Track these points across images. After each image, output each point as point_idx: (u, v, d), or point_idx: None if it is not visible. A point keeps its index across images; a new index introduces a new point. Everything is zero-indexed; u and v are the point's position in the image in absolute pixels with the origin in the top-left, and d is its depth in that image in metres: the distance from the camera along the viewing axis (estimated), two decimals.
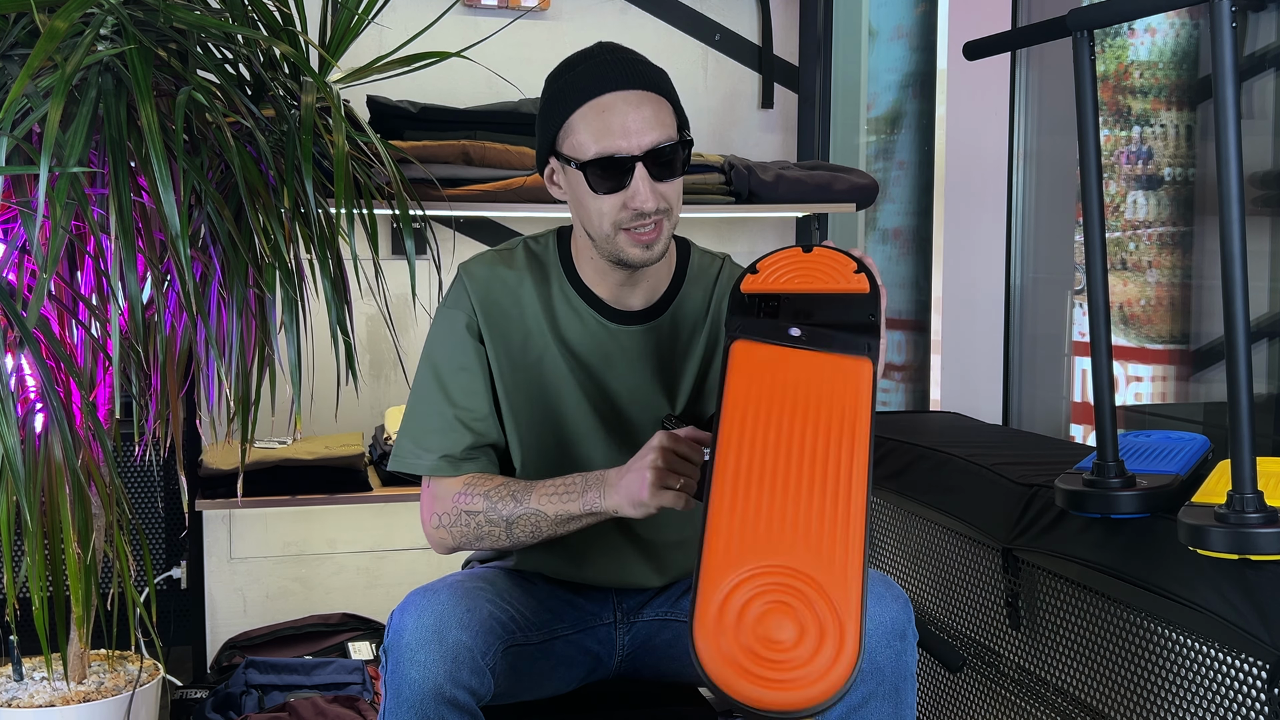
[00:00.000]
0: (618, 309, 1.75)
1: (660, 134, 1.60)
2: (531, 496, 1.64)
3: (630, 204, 1.61)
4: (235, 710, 2.60)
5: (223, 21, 2.15)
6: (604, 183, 1.60)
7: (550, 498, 1.63)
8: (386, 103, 2.78)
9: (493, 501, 1.67)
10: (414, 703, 1.50)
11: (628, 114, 1.59)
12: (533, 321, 1.74)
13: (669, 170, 1.62)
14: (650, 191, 1.60)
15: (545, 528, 1.64)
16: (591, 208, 1.64)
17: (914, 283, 3.89)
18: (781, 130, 3.31)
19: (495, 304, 1.74)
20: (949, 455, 2.49)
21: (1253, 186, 2.90)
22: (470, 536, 1.69)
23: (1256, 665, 1.70)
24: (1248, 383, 1.63)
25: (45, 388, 2.09)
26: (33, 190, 1.98)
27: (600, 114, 1.59)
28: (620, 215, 1.62)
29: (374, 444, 2.89)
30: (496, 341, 1.74)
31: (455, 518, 1.69)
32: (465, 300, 1.74)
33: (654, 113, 1.61)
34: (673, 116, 1.64)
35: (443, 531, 1.71)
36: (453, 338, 1.74)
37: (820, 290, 1.49)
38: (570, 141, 1.62)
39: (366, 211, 2.30)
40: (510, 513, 1.65)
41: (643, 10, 3.20)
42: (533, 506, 1.63)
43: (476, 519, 1.67)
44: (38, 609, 2.10)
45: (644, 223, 1.62)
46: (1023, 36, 2.20)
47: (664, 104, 1.63)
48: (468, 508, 1.68)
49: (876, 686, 1.55)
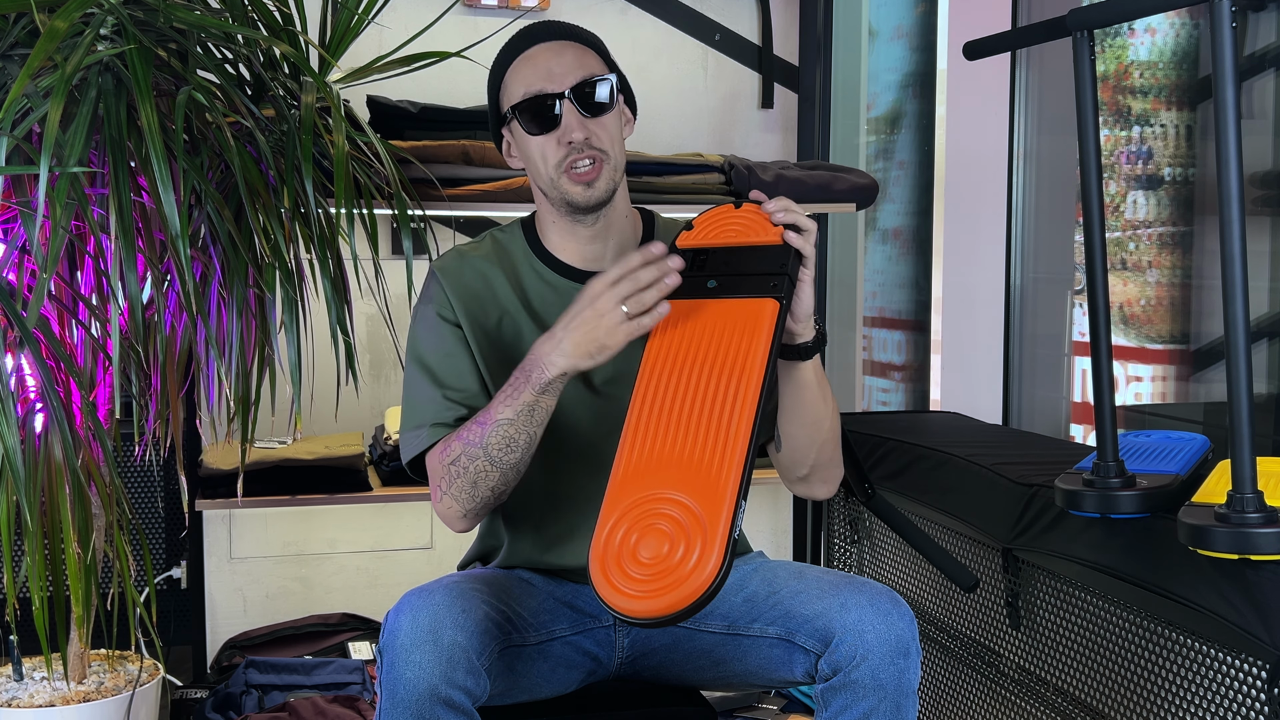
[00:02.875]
0: (588, 270, 1.78)
1: (584, 74, 1.72)
2: (491, 412, 1.64)
3: (563, 140, 1.70)
4: (235, 710, 2.60)
5: (223, 21, 2.15)
6: (535, 123, 1.72)
7: (504, 402, 1.63)
8: (386, 103, 2.78)
9: (464, 438, 1.66)
10: (409, 703, 1.50)
11: (550, 60, 1.72)
12: (506, 301, 1.79)
13: (598, 107, 1.72)
14: (578, 123, 1.70)
15: (516, 434, 1.63)
16: (534, 154, 1.74)
17: (914, 283, 3.89)
18: (781, 130, 3.31)
19: (467, 289, 1.78)
20: (949, 455, 2.49)
21: (1253, 186, 2.90)
22: (465, 487, 1.67)
23: (1256, 665, 1.70)
24: (1248, 383, 1.63)
25: (45, 388, 2.09)
26: (33, 190, 1.98)
27: (527, 63, 1.73)
28: (558, 154, 1.71)
29: (374, 444, 2.89)
30: (474, 325, 1.77)
31: (448, 478, 1.68)
32: (440, 293, 1.79)
33: (576, 57, 1.73)
34: (600, 63, 1.75)
35: (448, 500, 1.70)
36: (432, 329, 1.78)
37: (741, 243, 1.60)
38: (506, 97, 1.75)
39: (366, 211, 2.30)
40: (481, 438, 1.64)
41: (643, 10, 3.20)
42: (495, 418, 1.63)
43: (459, 464, 1.66)
44: (38, 609, 2.10)
45: (580, 157, 1.71)
46: (1023, 36, 2.20)
47: (589, 51, 1.75)
48: (449, 459, 1.67)
49: (878, 702, 1.55)
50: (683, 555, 1.37)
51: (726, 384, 1.49)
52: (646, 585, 1.37)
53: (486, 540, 1.91)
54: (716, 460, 1.43)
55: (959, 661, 2.48)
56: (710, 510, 1.40)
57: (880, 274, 4.08)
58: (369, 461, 2.87)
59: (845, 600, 1.59)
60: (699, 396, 1.49)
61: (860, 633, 1.55)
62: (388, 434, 2.82)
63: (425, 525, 3.14)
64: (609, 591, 1.40)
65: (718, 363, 1.51)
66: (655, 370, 1.54)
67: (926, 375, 3.64)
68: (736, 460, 1.43)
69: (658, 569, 1.38)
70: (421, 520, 3.14)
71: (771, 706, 2.77)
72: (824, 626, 1.59)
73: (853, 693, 1.55)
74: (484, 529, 1.91)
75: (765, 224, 1.60)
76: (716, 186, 2.87)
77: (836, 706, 1.56)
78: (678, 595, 1.35)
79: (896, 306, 4.02)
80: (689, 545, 1.38)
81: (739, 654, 1.71)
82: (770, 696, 2.80)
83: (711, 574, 1.36)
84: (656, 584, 1.37)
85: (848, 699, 1.55)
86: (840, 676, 1.56)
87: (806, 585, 1.66)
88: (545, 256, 1.81)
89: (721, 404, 1.47)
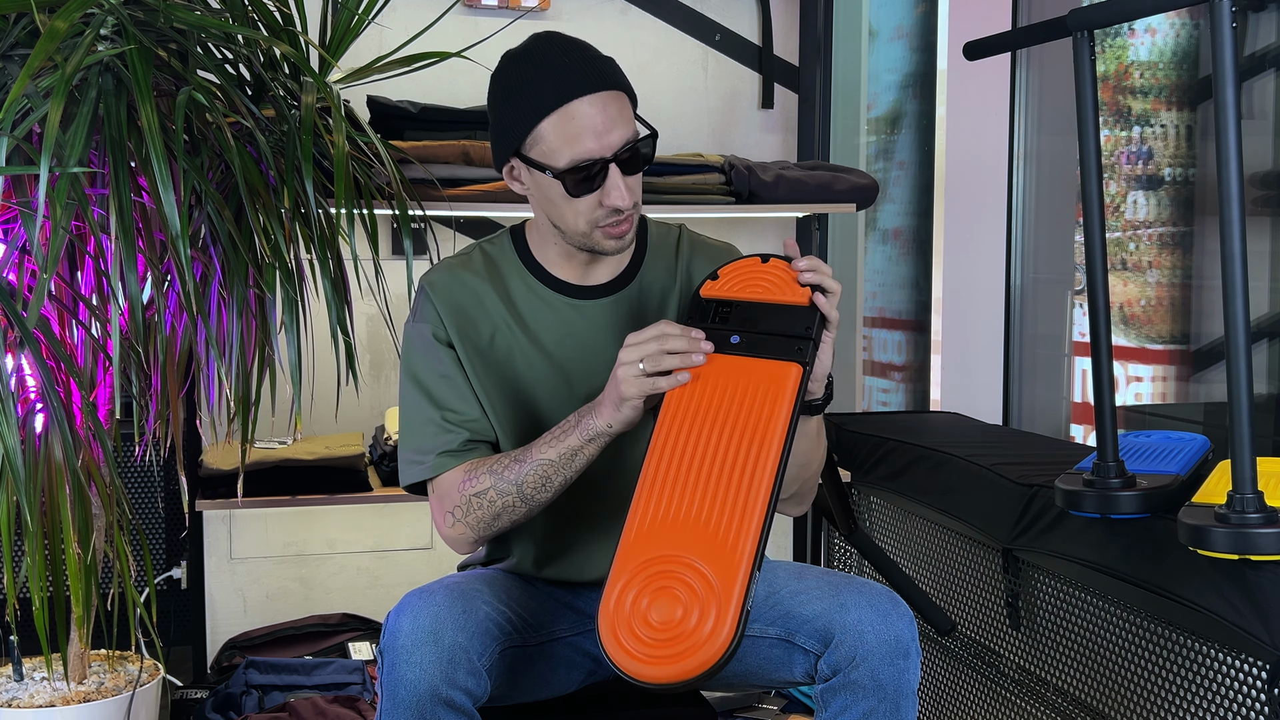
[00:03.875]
0: (583, 285, 1.78)
1: (626, 130, 1.65)
2: (533, 450, 1.65)
3: (606, 202, 1.66)
4: (235, 710, 2.60)
5: (223, 21, 2.15)
6: (580, 186, 1.65)
7: (550, 443, 1.64)
8: (386, 103, 2.78)
9: (497, 473, 1.66)
10: (410, 704, 1.50)
11: (595, 118, 1.63)
12: (498, 318, 1.77)
13: (637, 165, 1.68)
14: (625, 189, 1.65)
15: (554, 474, 1.63)
16: (566, 210, 1.68)
17: (914, 283, 3.89)
18: (781, 130, 3.31)
19: (458, 307, 1.76)
20: (949, 455, 2.49)
21: (1253, 186, 2.90)
22: (485, 518, 1.68)
23: (1256, 665, 1.70)
24: (1248, 383, 1.63)
25: (45, 388, 2.09)
26: (33, 190, 1.98)
27: (570, 122, 1.63)
28: (596, 214, 1.67)
29: (374, 444, 2.89)
30: (466, 344, 1.75)
31: (466, 506, 1.68)
32: (431, 311, 1.76)
33: (619, 110, 1.65)
34: (630, 106, 1.69)
35: (459, 527, 1.70)
36: (426, 350, 1.76)
37: (767, 300, 1.58)
38: (540, 149, 1.65)
39: (366, 211, 2.30)
40: (517, 475, 1.65)
41: (643, 10, 3.20)
42: (536, 458, 1.64)
43: (487, 496, 1.66)
44: (38, 609, 2.10)
45: (620, 218, 1.67)
46: (1023, 36, 2.21)
47: (623, 98, 1.68)
48: (475, 490, 1.67)
49: (877, 703, 1.55)
50: (696, 623, 1.36)
51: (746, 448, 1.47)
52: (657, 650, 1.36)
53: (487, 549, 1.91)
54: (734, 527, 1.42)
55: (959, 661, 2.48)
56: (725, 578, 1.38)
57: (880, 274, 4.09)
58: (369, 462, 2.87)
59: (845, 601, 1.59)
60: (717, 458, 1.48)
61: (860, 633, 1.55)
62: (388, 434, 2.82)
63: (425, 525, 3.14)
64: (618, 653, 1.39)
65: (738, 424, 1.50)
66: (673, 423, 1.53)
67: (926, 375, 3.64)
68: (753, 529, 1.42)
69: (669, 634, 1.37)
70: (421, 520, 3.14)
71: (771, 707, 2.77)
72: (824, 627, 1.59)
73: (852, 693, 1.55)
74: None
75: (792, 282, 1.58)
76: (716, 186, 2.87)
77: (836, 707, 1.56)
78: (690, 664, 1.35)
79: (896, 306, 4.02)
80: (703, 613, 1.37)
81: (739, 654, 1.71)
82: (770, 696, 2.80)
83: (725, 644, 1.35)
84: (667, 650, 1.36)
85: (847, 699, 1.56)
86: (840, 677, 1.56)
87: (806, 586, 1.66)
88: (538, 271, 1.79)
89: (740, 469, 1.46)
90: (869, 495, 2.86)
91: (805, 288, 1.56)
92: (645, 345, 1.55)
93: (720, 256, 1.83)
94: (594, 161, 1.63)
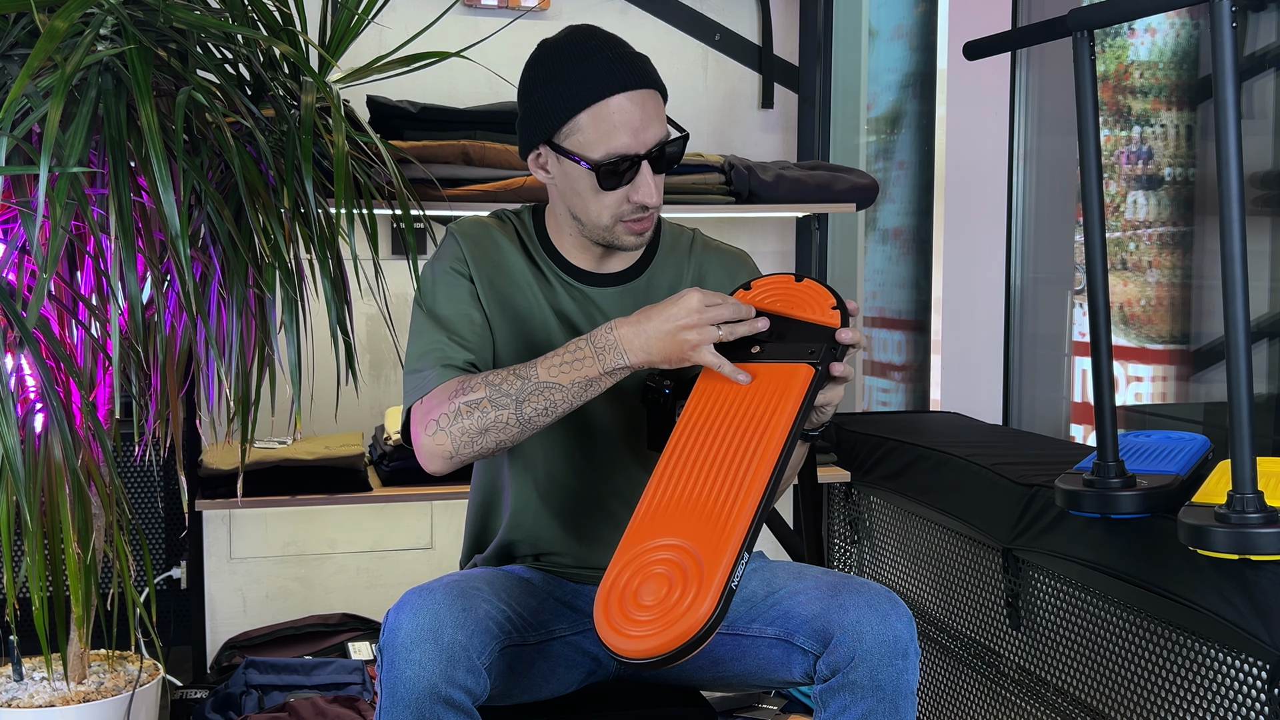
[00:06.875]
0: (594, 273, 1.81)
1: (660, 129, 1.69)
2: (537, 371, 1.62)
3: (634, 198, 1.69)
4: (235, 710, 2.60)
5: (223, 21, 2.15)
6: (610, 180, 1.68)
7: (560, 368, 1.62)
8: (386, 103, 2.78)
9: (494, 384, 1.62)
10: (409, 702, 1.50)
11: (634, 114, 1.66)
12: (521, 279, 1.79)
13: (665, 164, 1.71)
14: (654, 186, 1.68)
15: (562, 401, 1.62)
16: (592, 202, 1.71)
17: (914, 283, 3.89)
18: (781, 130, 3.31)
19: (486, 255, 1.78)
20: (949, 455, 2.49)
21: (1253, 186, 2.90)
22: (472, 430, 1.62)
23: (1256, 665, 1.70)
24: (1248, 383, 1.63)
25: (45, 388, 2.09)
26: (33, 190, 1.98)
27: (609, 116, 1.66)
28: (623, 209, 1.70)
29: (374, 444, 2.89)
30: (487, 286, 1.77)
31: (455, 414, 1.62)
32: (457, 249, 1.78)
33: (655, 109, 1.69)
34: (664, 107, 1.72)
35: (440, 435, 1.63)
36: (446, 282, 1.76)
37: (796, 316, 1.63)
38: (575, 139, 1.68)
39: (366, 211, 2.30)
40: (518, 390, 1.61)
41: (643, 10, 3.20)
42: (542, 380, 1.61)
43: (480, 407, 1.61)
44: (38, 609, 2.10)
45: (644, 215, 1.71)
46: (1023, 36, 2.21)
47: (659, 98, 1.72)
48: (468, 398, 1.62)
49: (876, 703, 1.55)
50: (679, 597, 1.40)
51: (750, 440, 1.52)
52: (642, 627, 1.40)
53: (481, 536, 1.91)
54: (727, 511, 1.47)
55: (959, 661, 2.48)
56: (712, 557, 1.42)
57: (880, 274, 4.09)
58: (369, 461, 2.87)
59: (844, 601, 1.59)
60: (722, 449, 1.53)
61: (858, 634, 1.56)
62: (388, 434, 2.82)
63: (425, 525, 3.14)
64: (608, 632, 1.43)
65: (746, 419, 1.54)
66: (688, 424, 1.58)
67: (926, 375, 3.64)
68: (746, 513, 1.45)
69: (655, 612, 1.41)
70: (421, 520, 3.14)
71: (771, 707, 2.77)
72: (822, 627, 1.60)
73: (851, 693, 1.55)
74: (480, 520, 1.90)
75: (822, 303, 1.62)
76: (716, 186, 2.87)
77: (835, 707, 1.57)
78: (669, 635, 1.38)
79: (896, 306, 4.02)
80: (685, 588, 1.41)
81: (738, 654, 1.71)
82: (770, 696, 2.80)
83: (704, 616, 1.38)
84: (651, 626, 1.40)
85: (846, 700, 1.56)
86: (839, 677, 1.56)
87: (805, 586, 1.66)
88: (553, 254, 1.81)
89: (741, 458, 1.51)
90: (869, 495, 2.86)
91: (834, 311, 1.61)
92: (720, 310, 1.58)
93: (732, 261, 1.88)
94: (628, 157, 1.66)
